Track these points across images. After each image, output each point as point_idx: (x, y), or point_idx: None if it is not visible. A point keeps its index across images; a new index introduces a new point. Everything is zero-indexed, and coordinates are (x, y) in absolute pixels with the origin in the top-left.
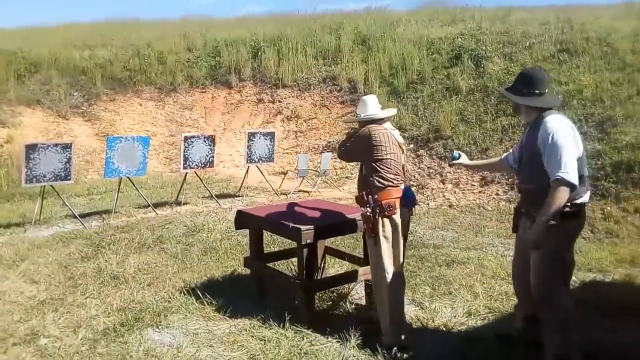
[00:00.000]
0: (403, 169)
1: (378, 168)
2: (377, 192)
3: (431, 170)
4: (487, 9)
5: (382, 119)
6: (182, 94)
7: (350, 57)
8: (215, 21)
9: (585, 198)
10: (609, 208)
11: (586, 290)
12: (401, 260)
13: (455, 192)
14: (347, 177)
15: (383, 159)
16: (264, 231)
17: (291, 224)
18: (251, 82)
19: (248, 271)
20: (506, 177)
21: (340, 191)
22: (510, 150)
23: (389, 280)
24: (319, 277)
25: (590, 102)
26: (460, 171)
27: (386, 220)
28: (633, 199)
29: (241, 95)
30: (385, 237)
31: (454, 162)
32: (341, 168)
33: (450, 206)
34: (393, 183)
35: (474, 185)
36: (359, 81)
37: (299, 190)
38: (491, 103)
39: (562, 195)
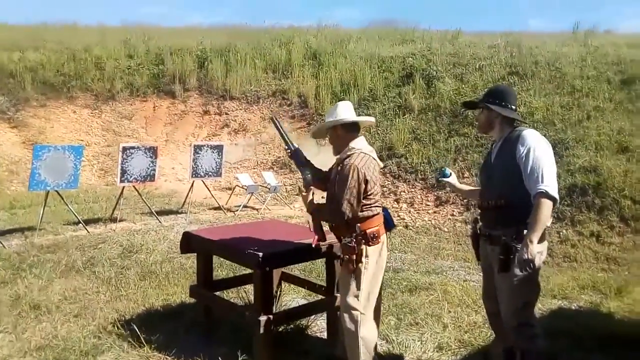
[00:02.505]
0: (380, 191)
1: (363, 202)
2: (360, 222)
3: (385, 189)
4: (435, 31)
5: (357, 126)
6: (121, 102)
7: (300, 72)
8: (159, 30)
9: (549, 222)
10: (564, 231)
11: (556, 319)
12: (377, 294)
13: (410, 212)
14: (297, 195)
15: (369, 193)
16: (213, 256)
17: (247, 249)
18: (197, 93)
19: (193, 300)
20: (461, 197)
21: (291, 209)
22: None
23: (364, 317)
24: (276, 309)
25: (541, 125)
26: (414, 190)
27: (371, 251)
28: (588, 222)
29: (185, 105)
30: (366, 269)
31: (444, 179)
32: (291, 185)
33: (406, 227)
34: (377, 211)
35: (429, 205)
36: (310, 96)
37: (247, 207)
38: (443, 123)
39: (546, 210)
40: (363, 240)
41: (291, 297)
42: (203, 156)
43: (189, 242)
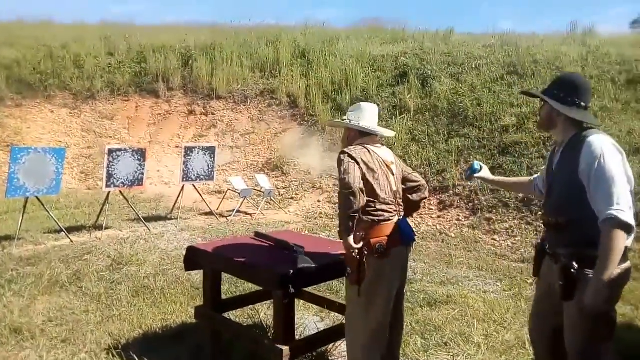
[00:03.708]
0: (395, 196)
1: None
2: (367, 230)
3: None
4: (426, 31)
5: (374, 136)
6: (101, 102)
7: (289, 71)
8: (139, 27)
9: (630, 241)
10: None
11: None
12: (389, 317)
13: (412, 216)
14: (292, 198)
15: (372, 192)
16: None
17: (265, 267)
18: (181, 92)
19: (195, 320)
20: (465, 201)
21: (286, 213)
22: (539, 174)
23: (366, 343)
24: (298, 336)
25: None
26: None
27: (376, 263)
28: None
29: (170, 105)
30: (371, 285)
31: (475, 175)
32: (284, 188)
33: None
34: (385, 216)
35: (432, 209)
36: (300, 96)
37: (240, 212)
38: (442, 123)
39: (619, 241)
40: (366, 251)
41: (301, 316)
42: (194, 158)
43: (194, 258)
